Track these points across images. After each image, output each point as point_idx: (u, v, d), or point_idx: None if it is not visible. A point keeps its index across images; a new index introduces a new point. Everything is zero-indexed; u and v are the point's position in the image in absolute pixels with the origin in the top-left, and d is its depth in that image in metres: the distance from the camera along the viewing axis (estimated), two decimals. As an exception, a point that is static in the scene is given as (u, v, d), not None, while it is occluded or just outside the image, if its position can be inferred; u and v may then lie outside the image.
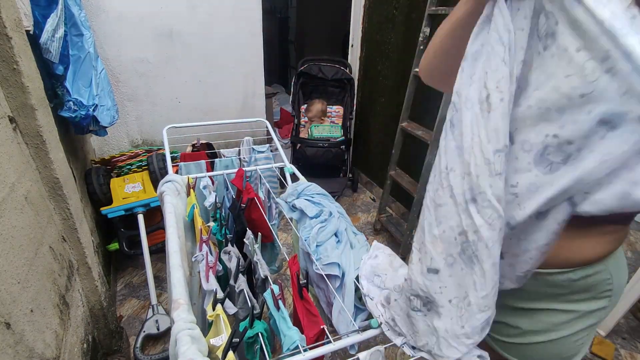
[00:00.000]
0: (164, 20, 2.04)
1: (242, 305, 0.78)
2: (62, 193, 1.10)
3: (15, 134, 0.91)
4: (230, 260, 0.86)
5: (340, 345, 0.69)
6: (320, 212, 0.94)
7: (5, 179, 0.80)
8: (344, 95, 2.71)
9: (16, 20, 0.92)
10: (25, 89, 0.93)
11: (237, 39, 2.28)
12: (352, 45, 2.82)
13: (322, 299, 0.89)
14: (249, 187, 1.12)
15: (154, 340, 1.60)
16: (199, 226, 0.90)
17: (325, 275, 0.80)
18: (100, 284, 1.34)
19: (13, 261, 0.79)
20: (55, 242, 1.05)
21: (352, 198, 2.88)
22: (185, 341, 0.54)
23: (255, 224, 1.09)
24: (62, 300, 1.02)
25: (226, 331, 0.61)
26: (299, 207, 0.97)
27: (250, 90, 2.48)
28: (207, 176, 1.18)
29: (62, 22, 1.24)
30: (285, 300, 0.76)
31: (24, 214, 0.87)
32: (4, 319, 0.72)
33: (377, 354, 0.65)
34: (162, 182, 1.04)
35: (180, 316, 0.59)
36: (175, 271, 0.71)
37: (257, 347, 0.67)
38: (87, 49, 1.41)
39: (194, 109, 2.35)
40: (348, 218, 1.00)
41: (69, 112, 1.33)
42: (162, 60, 2.13)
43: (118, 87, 2.08)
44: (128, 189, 1.83)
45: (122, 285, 1.91)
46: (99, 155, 2.16)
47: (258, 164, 1.50)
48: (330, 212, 0.95)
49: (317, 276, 0.85)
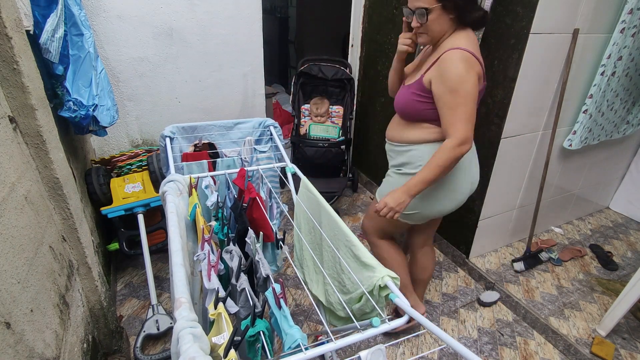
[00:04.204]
0: (164, 19, 2.04)
1: (243, 304, 0.78)
2: (62, 193, 1.10)
3: (15, 134, 0.91)
4: (232, 260, 0.86)
5: (342, 344, 0.69)
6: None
7: (6, 179, 0.80)
8: (344, 95, 2.71)
9: (16, 20, 0.92)
10: (25, 89, 0.93)
11: (237, 39, 2.28)
12: (352, 45, 2.82)
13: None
14: (250, 186, 1.11)
15: (154, 340, 1.60)
16: (201, 225, 0.89)
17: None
18: (100, 284, 1.34)
19: (13, 261, 0.78)
20: (55, 242, 1.05)
21: (352, 198, 2.88)
22: (187, 339, 0.54)
23: (256, 223, 1.09)
24: (62, 300, 1.02)
25: (228, 330, 0.61)
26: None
27: (250, 90, 2.48)
28: (209, 176, 1.18)
29: (62, 22, 1.24)
30: (286, 299, 0.76)
31: (24, 214, 0.86)
32: (4, 318, 0.71)
33: (379, 353, 0.65)
34: (165, 181, 1.04)
35: (182, 314, 0.59)
36: (177, 270, 0.71)
37: (259, 346, 0.67)
38: (87, 49, 1.41)
39: (194, 109, 2.35)
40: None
41: (69, 112, 1.33)
42: (162, 60, 2.13)
43: (118, 87, 2.07)
44: (128, 189, 1.83)
45: (122, 285, 1.91)
46: (99, 155, 2.16)
47: (259, 164, 1.50)
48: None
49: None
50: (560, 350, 1.67)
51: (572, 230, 2.49)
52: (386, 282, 0.82)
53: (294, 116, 2.69)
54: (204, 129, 1.54)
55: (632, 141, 2.46)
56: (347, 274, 0.93)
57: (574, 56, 1.71)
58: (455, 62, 1.09)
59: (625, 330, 1.72)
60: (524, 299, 1.88)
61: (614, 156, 2.43)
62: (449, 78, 1.10)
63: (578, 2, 1.60)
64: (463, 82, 1.09)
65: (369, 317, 0.79)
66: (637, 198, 2.60)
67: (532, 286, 1.97)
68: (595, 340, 1.63)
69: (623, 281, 1.95)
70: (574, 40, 1.67)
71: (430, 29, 1.14)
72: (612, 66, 1.79)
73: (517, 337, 1.73)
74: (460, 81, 1.09)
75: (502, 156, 1.82)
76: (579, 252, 2.22)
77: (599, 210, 2.74)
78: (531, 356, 1.64)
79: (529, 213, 2.12)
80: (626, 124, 2.19)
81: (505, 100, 1.69)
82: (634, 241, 2.42)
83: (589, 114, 1.91)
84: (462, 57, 1.09)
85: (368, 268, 0.88)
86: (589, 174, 2.37)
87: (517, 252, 2.22)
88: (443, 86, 1.12)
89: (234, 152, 1.58)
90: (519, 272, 2.06)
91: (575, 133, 1.97)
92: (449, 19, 1.12)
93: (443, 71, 1.11)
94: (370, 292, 0.83)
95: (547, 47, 1.63)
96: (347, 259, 0.95)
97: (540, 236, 2.39)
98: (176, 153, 1.45)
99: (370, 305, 0.85)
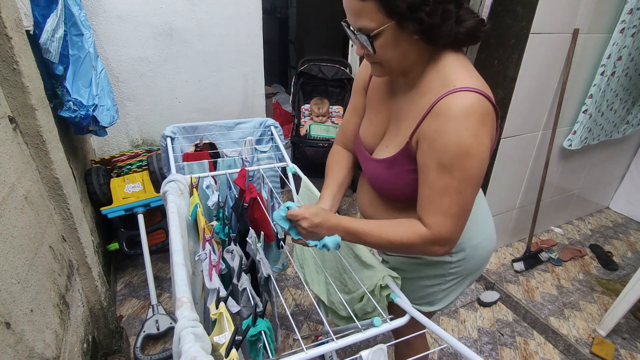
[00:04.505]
0: (164, 19, 2.04)
1: (245, 304, 0.78)
2: (62, 193, 1.09)
3: (15, 134, 0.91)
4: (233, 259, 0.86)
5: (343, 344, 0.69)
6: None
7: (5, 179, 0.80)
8: (344, 95, 2.71)
9: (16, 20, 0.92)
10: (25, 89, 0.93)
11: (237, 39, 2.28)
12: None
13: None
14: (251, 186, 1.11)
15: (154, 340, 1.59)
16: (202, 225, 0.89)
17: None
18: (100, 284, 1.33)
19: (13, 261, 0.78)
20: (55, 242, 1.05)
21: (352, 198, 2.88)
22: (188, 339, 0.54)
23: (257, 223, 1.09)
24: (62, 300, 1.02)
25: (229, 329, 0.61)
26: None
27: (250, 90, 2.48)
28: (210, 176, 1.18)
29: (62, 22, 1.24)
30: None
31: (24, 214, 0.86)
32: (4, 318, 0.71)
33: (380, 353, 0.65)
34: (166, 181, 1.04)
35: (183, 314, 0.59)
36: (178, 270, 0.70)
37: (260, 345, 0.67)
38: (87, 49, 1.41)
39: (194, 109, 2.35)
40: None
41: (68, 112, 1.33)
42: (162, 60, 2.13)
43: (118, 87, 2.07)
44: (128, 189, 1.82)
45: (122, 285, 1.90)
46: (99, 155, 2.15)
47: (260, 164, 1.50)
48: None
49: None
50: (560, 350, 1.67)
51: (572, 230, 2.50)
52: (387, 282, 0.82)
53: (294, 116, 2.69)
54: (204, 129, 1.53)
55: (632, 141, 2.47)
56: (349, 274, 0.93)
57: (574, 56, 1.71)
58: (459, 122, 0.64)
59: (625, 330, 1.72)
60: (524, 299, 1.88)
61: (614, 156, 2.43)
62: (444, 148, 0.66)
63: (578, 2, 1.60)
64: (465, 156, 0.65)
65: (370, 317, 0.79)
66: (637, 198, 2.60)
67: (532, 286, 1.98)
68: (595, 340, 1.63)
69: (623, 281, 1.95)
70: (574, 40, 1.67)
71: (387, 58, 0.70)
72: (611, 66, 1.79)
73: (517, 337, 1.73)
74: (461, 155, 0.65)
75: (502, 156, 1.82)
76: (579, 252, 2.22)
77: (599, 210, 2.74)
78: (531, 356, 1.64)
79: (529, 213, 2.12)
80: (626, 124, 2.19)
81: (505, 100, 1.69)
82: (634, 241, 2.42)
83: (588, 114, 1.91)
84: (468, 111, 0.64)
85: (369, 267, 0.88)
86: (589, 174, 2.38)
87: (517, 252, 2.22)
88: (432, 157, 0.68)
89: (235, 152, 1.58)
90: (519, 272, 2.06)
91: (575, 133, 1.97)
92: (415, 40, 0.66)
93: (435, 134, 0.67)
94: (372, 291, 0.83)
95: (547, 47, 1.63)
96: (348, 259, 0.95)
97: (540, 236, 2.39)
98: (177, 153, 1.45)
99: (371, 305, 0.85)
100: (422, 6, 0.60)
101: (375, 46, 0.67)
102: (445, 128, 0.65)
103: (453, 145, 0.65)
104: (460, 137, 0.64)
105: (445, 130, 0.65)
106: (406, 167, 0.75)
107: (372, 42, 0.66)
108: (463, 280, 0.93)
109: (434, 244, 0.72)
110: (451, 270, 0.90)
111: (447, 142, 0.65)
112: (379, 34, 0.65)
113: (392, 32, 0.64)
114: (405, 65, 0.72)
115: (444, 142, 0.65)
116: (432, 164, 0.68)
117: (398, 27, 0.63)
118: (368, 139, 0.87)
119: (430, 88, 0.70)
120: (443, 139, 0.65)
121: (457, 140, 0.64)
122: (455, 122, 0.64)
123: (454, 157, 0.65)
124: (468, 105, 0.64)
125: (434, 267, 0.90)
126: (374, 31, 0.64)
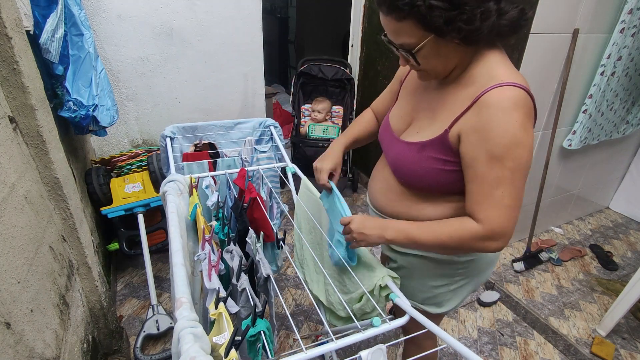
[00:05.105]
0: (164, 19, 2.04)
1: (244, 304, 0.78)
2: (62, 193, 1.09)
3: (15, 134, 0.91)
4: (233, 259, 0.86)
5: (342, 344, 0.69)
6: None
7: (6, 179, 0.80)
8: (344, 95, 2.71)
9: (16, 20, 0.92)
10: (25, 89, 0.93)
11: (237, 39, 2.28)
12: (352, 45, 2.82)
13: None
14: (251, 186, 1.11)
15: (154, 340, 1.59)
16: (202, 225, 0.89)
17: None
18: (100, 284, 1.33)
19: (13, 261, 0.78)
20: (55, 242, 1.05)
21: (352, 198, 2.88)
22: (188, 339, 0.54)
23: (257, 223, 1.09)
24: (62, 300, 1.02)
25: (228, 329, 0.61)
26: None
27: (250, 90, 2.48)
28: (209, 176, 1.18)
29: (62, 22, 1.24)
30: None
31: (24, 214, 0.86)
32: (4, 318, 0.71)
33: (379, 353, 0.65)
34: (165, 181, 1.04)
35: (182, 314, 0.59)
36: (178, 270, 0.71)
37: (259, 346, 0.67)
38: (87, 49, 1.41)
39: (194, 109, 2.35)
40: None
41: (68, 112, 1.33)
42: (162, 60, 2.13)
43: (118, 87, 2.07)
44: (128, 189, 1.82)
45: (122, 285, 1.90)
46: (99, 155, 2.16)
47: (260, 164, 1.50)
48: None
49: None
50: (560, 350, 1.67)
51: (572, 230, 2.50)
52: (386, 282, 0.82)
53: (294, 116, 2.69)
54: (204, 129, 1.54)
55: (632, 141, 2.46)
56: (348, 274, 0.93)
57: (574, 56, 1.71)
58: (509, 113, 0.66)
59: (625, 330, 1.72)
60: (524, 299, 1.88)
61: (614, 156, 2.43)
62: (495, 138, 0.67)
63: (578, 2, 1.60)
64: (516, 145, 0.67)
65: (369, 317, 0.79)
66: (637, 198, 2.60)
67: (532, 286, 1.98)
68: (595, 340, 1.63)
69: (623, 281, 1.95)
70: (574, 40, 1.67)
71: (431, 67, 0.74)
72: (611, 66, 1.79)
73: (517, 337, 1.73)
74: (513, 144, 0.67)
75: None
76: (579, 252, 2.22)
77: (599, 210, 2.74)
78: (531, 356, 1.64)
79: (529, 213, 2.12)
80: (626, 123, 2.19)
81: (505, 100, 1.69)
82: (634, 241, 2.42)
83: (588, 114, 1.91)
84: (517, 104, 0.66)
85: (368, 268, 0.88)
86: (589, 174, 2.37)
87: (517, 252, 2.22)
88: (482, 149, 0.69)
89: (235, 152, 1.58)
90: (519, 272, 2.06)
91: (575, 133, 1.97)
92: (456, 44, 0.68)
93: (486, 124, 0.68)
94: (371, 291, 0.83)
95: (547, 47, 1.63)
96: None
97: (540, 236, 2.39)
98: (177, 153, 1.45)
99: (370, 305, 0.85)
100: (459, 16, 0.62)
101: (418, 58, 0.71)
102: (497, 118, 0.67)
103: (506, 134, 0.66)
104: (512, 127, 0.66)
105: (496, 120, 0.67)
106: (437, 155, 0.76)
107: (415, 55, 0.70)
108: (470, 282, 0.94)
109: (487, 239, 0.72)
110: (459, 271, 0.91)
111: (499, 132, 0.66)
112: (421, 48, 0.68)
113: (433, 44, 0.68)
114: (450, 67, 0.75)
115: (496, 133, 0.67)
116: (482, 156, 0.69)
117: (438, 38, 0.67)
118: (396, 124, 0.90)
119: (473, 81, 0.72)
120: (495, 129, 0.67)
121: (509, 130, 0.66)
122: (505, 113, 0.66)
123: (506, 147, 0.67)
124: (517, 99, 0.67)
125: (442, 266, 0.90)
126: (415, 47, 0.68)
